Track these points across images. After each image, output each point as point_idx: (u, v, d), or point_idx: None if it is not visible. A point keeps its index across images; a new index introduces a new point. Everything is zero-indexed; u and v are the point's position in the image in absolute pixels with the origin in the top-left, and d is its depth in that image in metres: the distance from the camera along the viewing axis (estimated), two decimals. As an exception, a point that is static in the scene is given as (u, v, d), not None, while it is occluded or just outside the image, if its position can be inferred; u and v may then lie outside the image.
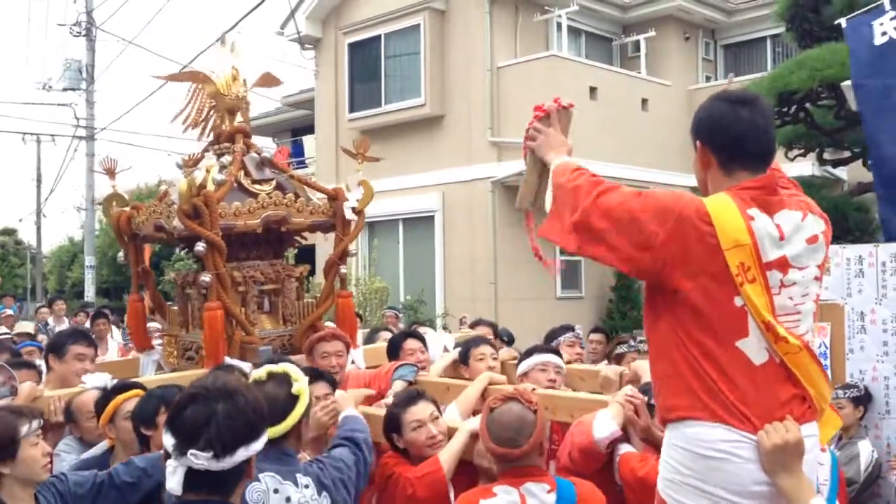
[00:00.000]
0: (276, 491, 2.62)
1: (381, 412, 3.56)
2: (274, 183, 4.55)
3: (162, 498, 2.53)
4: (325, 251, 11.99)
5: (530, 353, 4.14)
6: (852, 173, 12.92)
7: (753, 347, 2.18)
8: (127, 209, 4.77)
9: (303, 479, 2.70)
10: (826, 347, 4.44)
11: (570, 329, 5.34)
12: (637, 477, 2.99)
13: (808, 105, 10.38)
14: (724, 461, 2.14)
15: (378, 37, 15.47)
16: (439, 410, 3.41)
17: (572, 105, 2.61)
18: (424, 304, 14.26)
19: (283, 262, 4.80)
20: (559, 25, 14.88)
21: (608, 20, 16.19)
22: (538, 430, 2.80)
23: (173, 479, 2.12)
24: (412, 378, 4.07)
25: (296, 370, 2.84)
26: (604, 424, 3.14)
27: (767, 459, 2.12)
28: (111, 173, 4.70)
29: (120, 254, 4.94)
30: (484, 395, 3.92)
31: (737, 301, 2.16)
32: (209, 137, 4.64)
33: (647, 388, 3.34)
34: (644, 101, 15.08)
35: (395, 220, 14.97)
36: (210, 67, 4.36)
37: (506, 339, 6.18)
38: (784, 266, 2.21)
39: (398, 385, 3.99)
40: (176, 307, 4.89)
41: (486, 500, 2.76)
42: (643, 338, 2.66)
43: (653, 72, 15.82)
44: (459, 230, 14.42)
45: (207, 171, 4.13)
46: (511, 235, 13.68)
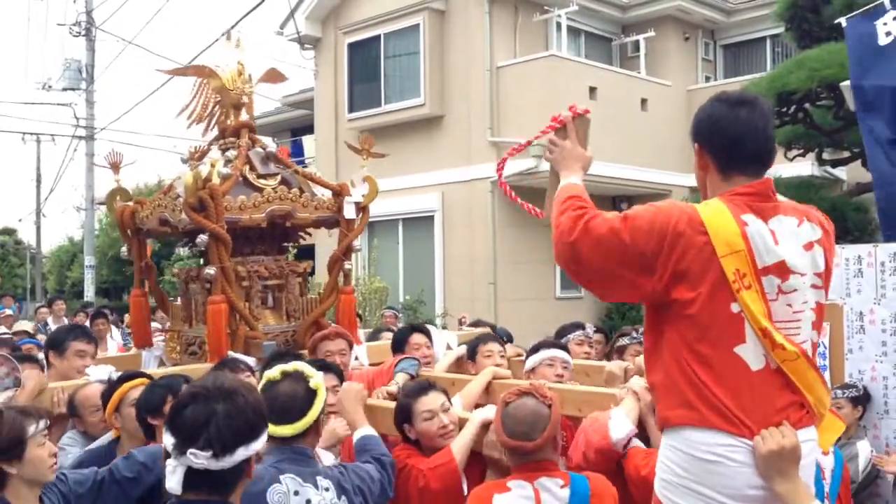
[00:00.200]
0: (296, 493, 2.61)
1: (388, 404, 3.56)
2: (279, 178, 4.55)
3: (163, 491, 2.54)
4: (324, 250, 12.04)
5: (537, 349, 4.10)
6: (851, 173, 12.92)
7: (751, 353, 2.17)
8: (131, 203, 4.76)
9: (323, 481, 2.69)
10: (825, 347, 4.43)
11: (581, 327, 5.26)
12: (640, 475, 2.97)
13: (807, 105, 10.36)
14: (719, 464, 2.14)
15: (378, 37, 15.46)
16: (450, 401, 3.39)
17: (588, 111, 2.56)
18: (424, 305, 14.25)
19: (286, 257, 4.80)
20: (559, 25, 14.87)
21: (608, 20, 16.18)
22: (552, 425, 2.78)
23: (173, 478, 2.12)
24: (414, 372, 4.05)
25: (307, 366, 2.83)
26: (620, 425, 3.09)
27: (763, 464, 2.12)
28: (116, 167, 4.69)
29: (123, 248, 4.93)
30: (488, 389, 3.93)
31: (733, 307, 2.16)
32: (214, 132, 4.64)
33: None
34: (643, 101, 15.06)
35: (394, 220, 14.96)
36: (216, 62, 4.36)
37: (505, 339, 6.16)
38: (783, 272, 2.20)
39: (400, 377, 3.97)
40: (179, 302, 4.89)
41: (500, 495, 2.75)
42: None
43: (652, 72, 15.82)
44: (459, 230, 14.41)
45: (212, 165, 4.13)
46: (511, 236, 13.69)
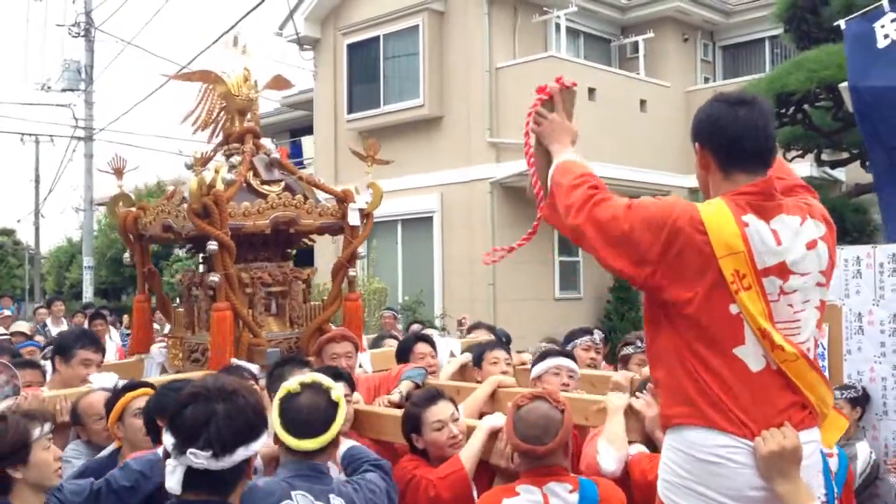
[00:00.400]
0: None
1: (394, 412, 3.55)
2: (283, 184, 4.53)
3: (160, 499, 2.52)
4: (324, 255, 12.04)
5: (544, 357, 4.10)
6: (850, 174, 12.94)
7: (751, 355, 2.17)
8: (134, 209, 4.74)
9: (335, 499, 2.63)
10: (823, 348, 4.44)
11: (589, 332, 5.25)
12: (647, 480, 2.97)
13: (806, 106, 10.40)
14: (720, 465, 2.15)
15: (377, 38, 15.46)
16: (457, 409, 3.38)
17: (575, 84, 2.58)
18: (423, 305, 14.26)
19: (290, 264, 4.79)
20: (558, 26, 14.89)
21: (607, 21, 16.20)
22: (565, 430, 2.79)
23: (172, 478, 2.13)
24: (420, 381, 4.03)
25: (327, 378, 2.77)
26: (608, 457, 3.11)
27: (764, 465, 2.12)
28: (119, 173, 4.68)
29: (126, 254, 4.91)
30: (493, 397, 3.92)
31: (732, 309, 2.15)
32: (219, 138, 4.63)
33: (642, 384, 3.37)
34: (643, 102, 15.09)
35: (393, 221, 14.96)
36: (221, 68, 4.35)
37: (504, 339, 6.17)
38: (784, 272, 2.19)
39: (404, 384, 3.96)
40: (182, 308, 4.88)
41: (508, 499, 2.75)
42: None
43: (651, 73, 15.84)
44: (458, 231, 14.42)
45: (216, 171, 4.12)
46: (510, 236, 13.68)
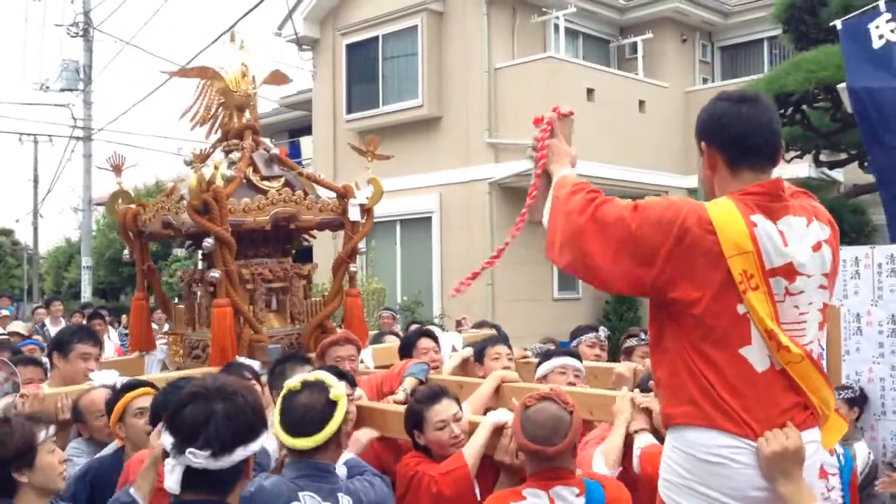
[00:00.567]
0: None
1: (398, 408, 3.53)
2: (283, 180, 4.53)
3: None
4: (323, 251, 12.04)
5: (549, 356, 4.07)
6: (848, 175, 12.95)
7: (756, 355, 2.16)
8: (133, 206, 4.74)
9: (343, 498, 2.62)
10: (822, 349, 4.45)
11: (594, 329, 5.25)
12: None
13: (804, 107, 10.40)
14: (723, 466, 2.14)
15: (376, 38, 15.45)
16: (460, 407, 3.36)
17: (572, 113, 2.59)
18: (422, 306, 14.26)
19: (290, 260, 4.79)
20: (556, 27, 14.88)
21: (605, 22, 16.20)
22: (574, 431, 2.75)
23: (171, 477, 2.12)
24: (423, 377, 4.01)
25: (330, 376, 2.74)
26: (599, 470, 3.09)
27: (767, 466, 2.12)
28: (118, 170, 4.68)
29: (126, 251, 4.91)
30: (497, 392, 3.91)
31: (739, 309, 2.15)
32: (217, 135, 4.63)
33: (646, 378, 3.36)
34: (641, 103, 15.07)
35: (392, 222, 14.94)
36: (219, 64, 4.34)
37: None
38: (790, 273, 2.19)
39: (408, 382, 3.94)
40: (182, 305, 4.88)
41: (515, 503, 2.71)
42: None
43: (650, 73, 15.84)
44: (457, 231, 14.41)
45: (216, 167, 4.12)
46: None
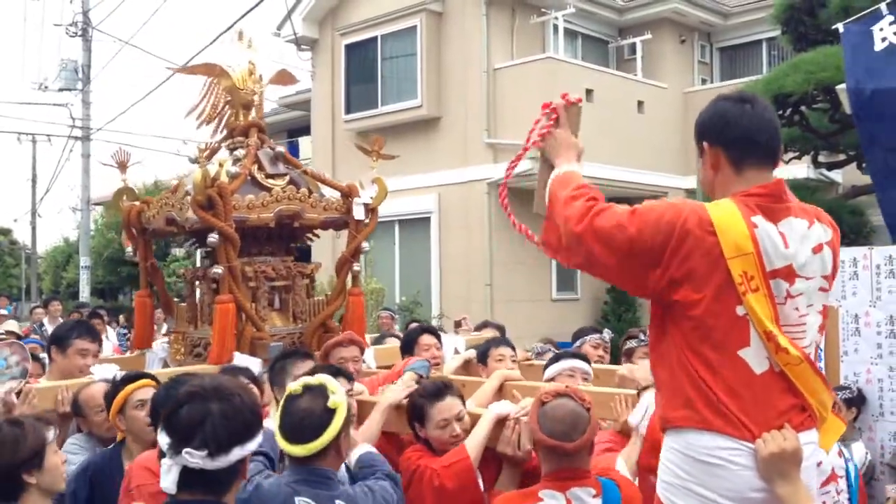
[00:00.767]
0: None
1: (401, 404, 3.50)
2: (287, 178, 4.53)
3: None
4: (322, 251, 12.03)
5: (558, 359, 4.05)
6: (847, 176, 12.97)
7: (754, 357, 2.17)
8: (137, 203, 4.74)
9: None
10: (820, 350, 4.47)
11: (598, 331, 5.28)
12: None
13: (802, 108, 10.40)
14: (721, 467, 2.15)
15: (375, 38, 15.45)
16: (464, 403, 3.35)
17: (580, 100, 2.59)
18: (420, 306, 14.26)
19: (293, 259, 4.79)
20: (555, 28, 14.89)
21: (604, 22, 16.22)
22: (592, 429, 2.71)
23: (168, 477, 2.12)
24: (425, 373, 3.96)
25: (333, 382, 2.69)
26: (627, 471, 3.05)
27: (765, 467, 2.12)
28: (123, 167, 4.68)
29: (129, 249, 4.91)
30: (500, 390, 3.91)
31: (739, 310, 2.15)
32: (223, 133, 4.63)
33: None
34: (640, 104, 15.08)
35: (391, 222, 14.93)
36: (226, 62, 4.35)
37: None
38: (790, 275, 2.19)
39: (407, 376, 3.87)
40: (184, 303, 4.88)
41: None
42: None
43: (649, 74, 15.86)
44: (455, 232, 14.41)
45: (221, 164, 4.13)
46: (507, 237, 13.68)
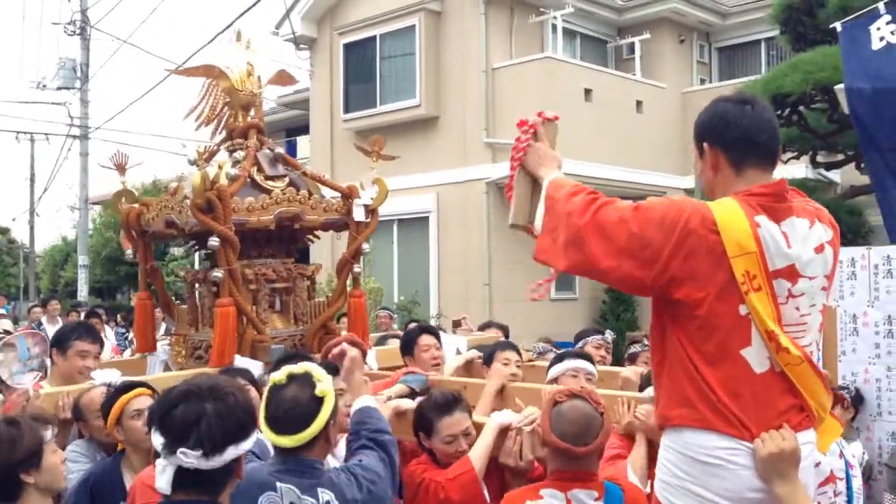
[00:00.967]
0: None
1: (409, 406, 3.47)
2: (287, 180, 4.52)
3: None
4: (320, 252, 12.01)
5: (561, 359, 4.01)
6: (845, 176, 12.97)
7: (755, 356, 2.17)
8: (136, 205, 4.71)
9: (325, 493, 2.54)
10: (819, 350, 4.47)
11: (600, 332, 5.28)
12: None
13: (801, 108, 10.40)
14: (720, 467, 2.15)
15: (373, 37, 15.44)
16: (471, 414, 3.30)
17: (557, 117, 2.59)
18: (418, 305, 14.25)
19: (293, 261, 4.78)
20: (554, 27, 14.89)
21: (603, 22, 16.21)
22: (604, 433, 2.69)
23: (162, 478, 2.11)
24: (417, 387, 3.86)
25: (318, 369, 2.64)
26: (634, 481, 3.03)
27: (763, 467, 2.12)
28: (122, 169, 4.66)
29: (129, 251, 4.89)
30: (501, 394, 3.90)
31: (741, 310, 2.15)
32: (222, 134, 4.62)
33: (648, 377, 3.36)
34: (639, 104, 15.09)
35: (389, 221, 14.91)
36: (225, 62, 4.33)
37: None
38: (793, 275, 2.20)
39: (397, 388, 3.81)
40: (185, 306, 4.86)
41: (532, 502, 2.66)
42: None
43: (647, 74, 15.86)
44: (454, 231, 14.41)
45: (220, 166, 4.12)
46: (505, 237, 13.68)
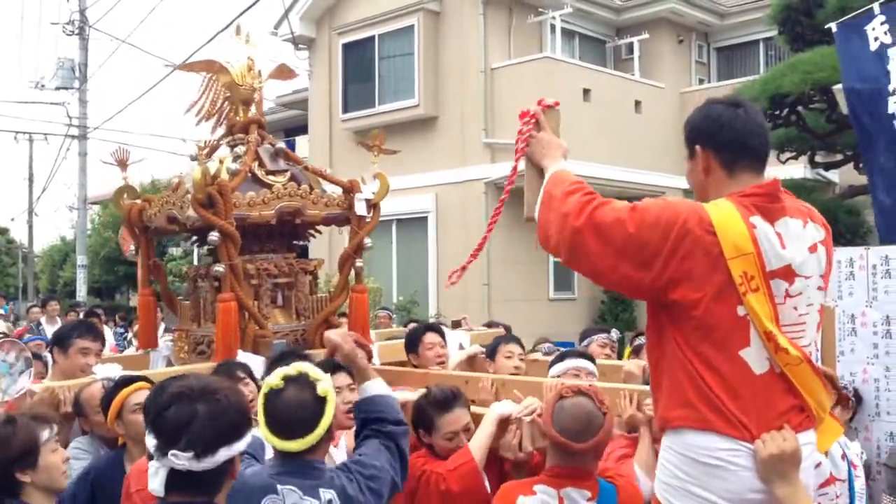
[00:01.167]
0: None
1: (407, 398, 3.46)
2: (288, 174, 4.52)
3: None
4: (319, 247, 12.01)
5: (563, 358, 4.00)
6: (844, 176, 13.00)
7: (754, 357, 2.17)
8: (138, 201, 4.72)
9: (326, 493, 2.52)
10: (818, 350, 4.48)
11: (605, 331, 5.26)
12: None
13: (800, 108, 10.43)
14: (720, 468, 2.15)
15: (372, 37, 15.46)
16: (469, 409, 3.30)
17: (557, 104, 2.58)
18: (417, 305, 14.25)
19: (295, 255, 4.78)
20: (553, 27, 14.92)
21: (602, 22, 16.24)
22: (605, 433, 2.67)
23: (155, 479, 2.12)
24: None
25: (314, 368, 2.57)
26: (644, 488, 2.97)
27: (764, 468, 2.13)
28: (123, 165, 4.67)
29: (131, 248, 4.90)
30: (500, 393, 3.87)
31: (739, 311, 2.15)
32: (222, 129, 4.62)
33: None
34: (637, 104, 15.12)
35: (388, 221, 14.92)
36: (225, 57, 4.33)
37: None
38: (789, 275, 2.20)
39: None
40: (187, 301, 4.87)
41: (524, 497, 2.68)
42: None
43: (646, 74, 15.89)
44: (453, 231, 14.41)
45: (221, 161, 4.12)
46: (504, 237, 13.69)
